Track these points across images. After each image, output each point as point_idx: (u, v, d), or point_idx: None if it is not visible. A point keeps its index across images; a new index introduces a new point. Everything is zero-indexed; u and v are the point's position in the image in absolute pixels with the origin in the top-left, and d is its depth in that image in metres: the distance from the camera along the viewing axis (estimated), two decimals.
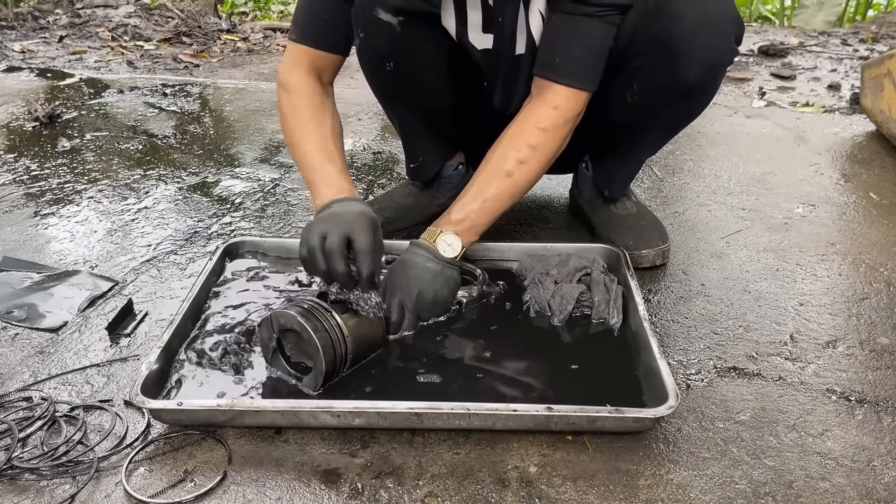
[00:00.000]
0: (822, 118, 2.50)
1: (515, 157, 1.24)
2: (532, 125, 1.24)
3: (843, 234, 1.64)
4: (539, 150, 1.24)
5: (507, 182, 1.25)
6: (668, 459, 0.99)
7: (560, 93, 1.21)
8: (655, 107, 1.30)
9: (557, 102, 1.22)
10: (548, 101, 1.22)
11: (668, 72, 1.22)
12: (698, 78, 1.24)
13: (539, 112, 1.23)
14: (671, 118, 1.37)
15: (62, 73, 3.08)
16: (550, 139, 1.23)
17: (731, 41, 1.22)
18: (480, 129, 1.54)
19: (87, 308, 1.34)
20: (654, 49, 1.21)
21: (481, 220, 1.26)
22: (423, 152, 1.56)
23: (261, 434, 1.03)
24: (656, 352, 1.07)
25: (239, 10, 5.04)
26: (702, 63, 1.22)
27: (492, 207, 1.25)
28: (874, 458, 1.00)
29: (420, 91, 1.39)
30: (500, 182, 1.25)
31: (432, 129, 1.52)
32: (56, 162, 2.05)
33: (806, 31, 3.94)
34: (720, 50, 1.22)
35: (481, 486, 0.95)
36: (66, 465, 0.97)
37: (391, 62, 1.31)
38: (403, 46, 1.28)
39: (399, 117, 1.54)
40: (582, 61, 1.21)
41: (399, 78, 1.35)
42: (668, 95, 1.27)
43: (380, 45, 1.28)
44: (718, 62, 1.24)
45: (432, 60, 1.33)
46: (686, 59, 1.20)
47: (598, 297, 1.25)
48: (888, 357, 1.22)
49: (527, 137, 1.24)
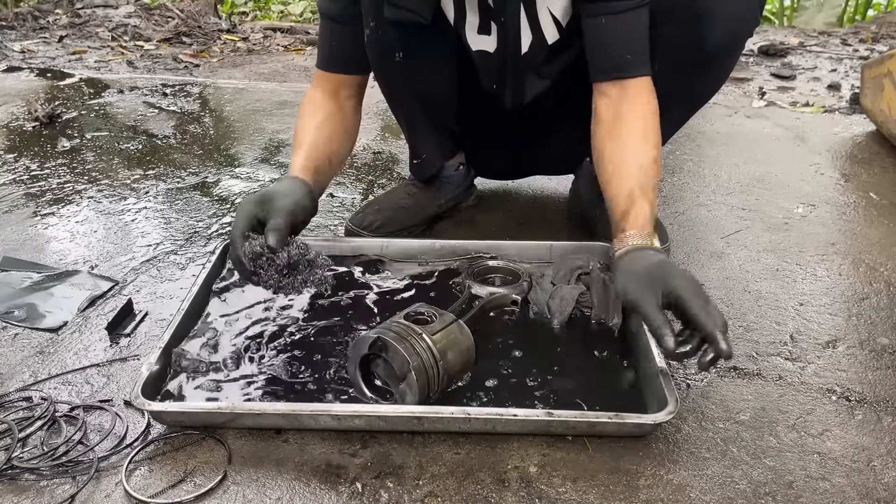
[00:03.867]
0: (822, 118, 2.50)
1: (653, 150, 1.20)
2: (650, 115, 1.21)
3: (843, 234, 1.64)
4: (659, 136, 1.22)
5: (656, 168, 1.20)
6: (668, 459, 0.99)
7: (646, 82, 1.22)
8: (676, 78, 1.29)
9: (650, 88, 1.22)
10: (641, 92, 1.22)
11: (692, 39, 1.23)
12: (721, 46, 1.25)
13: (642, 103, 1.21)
14: (690, 92, 1.37)
15: (62, 73, 3.08)
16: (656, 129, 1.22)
17: (755, 10, 1.24)
18: (485, 128, 1.54)
19: (87, 308, 1.34)
20: (677, 17, 1.22)
21: (655, 206, 1.18)
22: (426, 148, 1.57)
23: (261, 434, 1.03)
24: (656, 355, 1.07)
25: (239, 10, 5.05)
26: (725, 30, 1.23)
27: (656, 193, 1.19)
28: (874, 458, 1.00)
29: (428, 85, 1.41)
30: (647, 176, 1.18)
31: (437, 125, 1.53)
32: (56, 162, 2.05)
33: (806, 31, 3.94)
34: (743, 19, 1.24)
35: (481, 486, 0.95)
36: (66, 465, 0.97)
37: (400, 53, 1.34)
38: (413, 39, 1.30)
39: (405, 112, 1.54)
40: (645, 49, 1.21)
41: (407, 71, 1.37)
42: (690, 64, 1.28)
43: (389, 38, 1.31)
44: (741, 30, 1.26)
45: (441, 54, 1.35)
46: (710, 26, 1.22)
47: (598, 297, 1.25)
48: (888, 357, 1.22)
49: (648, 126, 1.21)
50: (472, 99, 1.45)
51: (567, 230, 1.64)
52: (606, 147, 1.22)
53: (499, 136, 1.57)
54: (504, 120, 1.47)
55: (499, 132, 1.55)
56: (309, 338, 1.19)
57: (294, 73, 3.17)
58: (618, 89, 1.23)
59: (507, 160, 1.67)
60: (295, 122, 1.39)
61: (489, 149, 1.63)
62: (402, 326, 1.04)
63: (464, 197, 1.69)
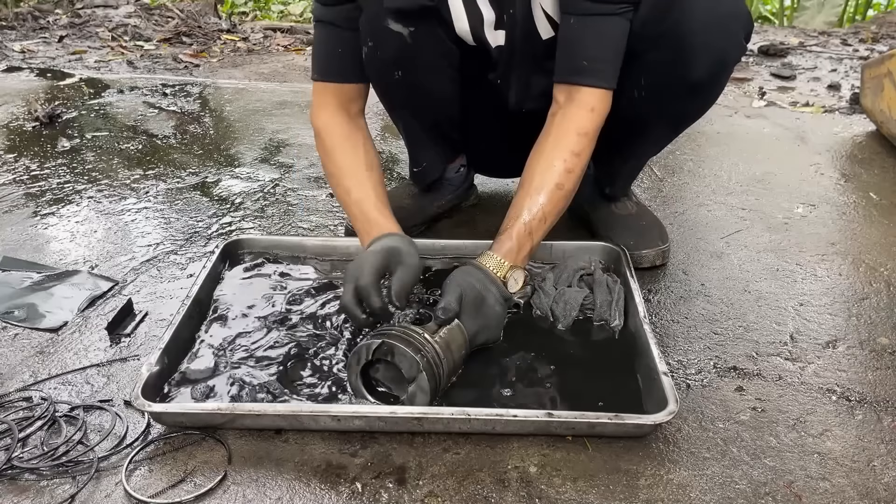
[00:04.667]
0: (822, 118, 2.50)
1: (563, 168, 1.18)
2: (573, 132, 1.19)
3: (843, 234, 1.64)
4: (582, 157, 1.20)
5: (559, 195, 1.19)
6: (668, 459, 0.99)
7: (594, 95, 1.19)
8: (662, 103, 1.29)
9: (593, 104, 1.19)
10: (583, 104, 1.19)
11: (677, 67, 1.22)
12: (706, 75, 1.23)
13: (577, 118, 1.20)
14: (677, 115, 1.36)
15: (62, 73, 3.08)
16: (590, 144, 1.20)
17: (740, 38, 1.22)
18: (486, 132, 1.53)
19: (87, 308, 1.34)
20: (663, 44, 1.20)
21: (538, 241, 1.20)
22: (427, 157, 1.56)
23: (261, 434, 1.03)
24: (656, 356, 1.07)
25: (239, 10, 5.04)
26: (710, 60, 1.22)
27: (549, 225, 1.20)
28: (874, 458, 1.00)
29: (427, 99, 1.39)
30: (553, 197, 1.18)
31: (437, 135, 1.52)
32: (56, 162, 2.05)
33: (806, 31, 3.94)
34: (729, 47, 1.22)
35: (481, 486, 0.95)
36: (66, 465, 0.97)
37: (399, 70, 1.30)
38: (412, 55, 1.27)
39: (405, 124, 1.53)
40: (608, 60, 1.18)
41: (407, 86, 1.34)
42: (676, 92, 1.27)
43: (388, 55, 1.27)
44: (727, 59, 1.24)
45: (440, 68, 1.33)
46: (695, 55, 1.20)
47: (601, 298, 1.25)
48: (888, 357, 1.22)
49: (570, 145, 1.19)
50: (474, 101, 1.44)
51: (567, 230, 1.63)
52: (532, 153, 1.23)
53: (499, 137, 1.56)
54: (504, 120, 1.47)
55: (499, 132, 1.54)
56: (309, 338, 1.19)
57: (294, 73, 3.17)
58: (565, 95, 1.21)
59: (507, 159, 1.66)
60: (321, 154, 1.32)
61: (490, 149, 1.62)
62: (402, 329, 1.04)
63: (464, 197, 1.69)
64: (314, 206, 1.77)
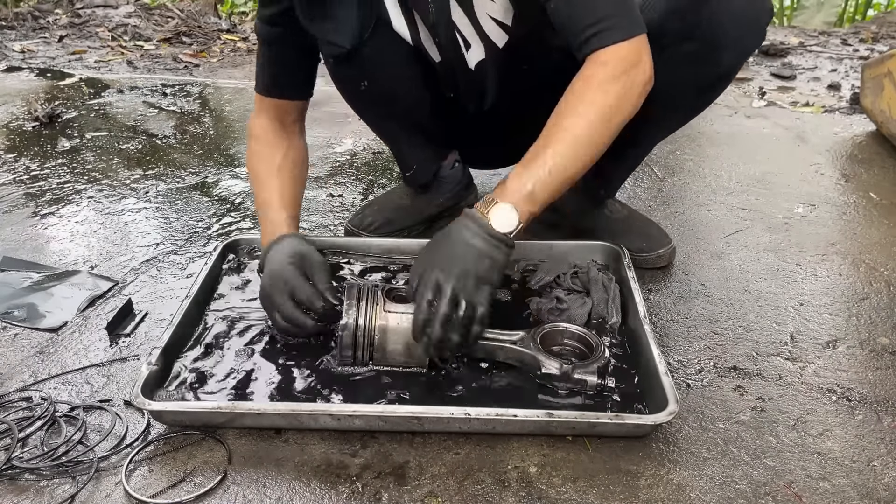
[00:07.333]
0: (822, 118, 2.50)
1: (572, 112, 1.07)
2: (582, 81, 1.09)
3: (843, 234, 1.64)
4: (596, 104, 1.07)
5: (566, 137, 1.06)
6: (668, 459, 0.99)
7: (603, 52, 1.07)
8: (680, 95, 1.27)
9: (605, 58, 1.07)
10: (595, 61, 1.08)
11: (707, 60, 1.22)
12: (731, 67, 1.26)
13: (587, 70, 1.09)
14: (682, 109, 1.35)
15: (62, 73, 3.08)
16: (607, 91, 1.07)
17: (764, 29, 1.24)
18: (469, 130, 1.52)
19: (87, 308, 1.34)
20: (697, 36, 1.19)
21: (544, 187, 1.06)
22: (416, 160, 1.56)
23: (261, 434, 1.03)
24: (657, 355, 1.07)
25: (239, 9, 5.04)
26: (738, 52, 1.23)
27: (555, 171, 1.06)
28: (874, 458, 1.00)
29: (399, 105, 1.39)
30: (558, 140, 1.06)
31: (420, 137, 1.52)
32: (56, 162, 2.05)
33: (806, 31, 3.94)
34: (756, 39, 1.24)
35: (481, 486, 0.95)
36: (66, 465, 0.97)
37: (364, 82, 1.33)
38: (372, 67, 1.29)
39: (385, 132, 1.55)
40: (611, 14, 1.07)
41: (375, 96, 1.37)
42: (699, 83, 1.27)
43: (349, 70, 1.31)
44: (750, 51, 1.26)
45: (404, 76, 1.33)
46: (727, 48, 1.21)
47: (597, 296, 1.25)
48: (888, 357, 1.22)
49: (579, 93, 1.08)
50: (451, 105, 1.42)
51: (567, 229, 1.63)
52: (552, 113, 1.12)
53: (483, 130, 1.53)
54: (490, 119, 1.45)
55: (488, 130, 1.52)
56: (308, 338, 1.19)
57: None
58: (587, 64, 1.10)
59: (497, 150, 1.63)
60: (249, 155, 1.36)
61: (477, 143, 1.60)
62: (372, 293, 1.10)
63: (463, 195, 1.68)
64: (314, 207, 1.77)
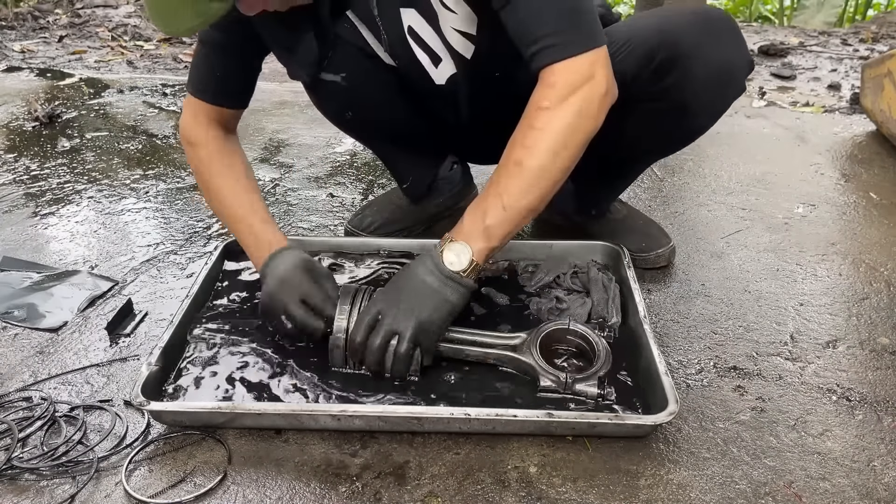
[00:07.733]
0: (822, 118, 2.49)
1: (521, 144, 1.08)
2: (533, 108, 1.07)
3: (843, 234, 1.64)
4: (545, 131, 1.06)
5: (517, 171, 1.07)
6: (669, 459, 0.99)
7: (552, 71, 1.05)
8: (658, 140, 1.33)
9: (553, 80, 1.05)
10: (544, 82, 1.07)
11: (680, 118, 1.24)
12: (709, 122, 1.29)
13: (536, 95, 1.09)
14: (666, 151, 1.42)
15: (62, 73, 3.08)
16: (555, 116, 1.05)
17: (742, 83, 1.24)
18: (458, 137, 1.51)
19: (87, 308, 1.34)
20: (665, 98, 1.20)
21: (501, 223, 1.07)
22: (411, 172, 1.57)
23: (261, 434, 1.03)
24: (656, 355, 1.07)
25: None
26: (713, 111, 1.26)
27: (510, 206, 1.07)
28: (874, 458, 1.00)
29: (387, 126, 1.41)
30: (510, 175, 1.07)
31: (412, 151, 1.53)
32: (56, 162, 2.05)
33: (806, 31, 3.94)
34: (731, 94, 1.25)
35: (481, 486, 0.95)
36: (66, 465, 0.97)
37: (349, 111, 1.35)
38: (354, 96, 1.30)
39: (376, 150, 1.58)
40: (562, 28, 1.04)
41: (363, 121, 1.39)
42: (676, 134, 1.31)
43: (333, 102, 1.34)
44: (728, 104, 1.27)
45: (387, 99, 1.33)
46: (700, 110, 1.24)
47: (597, 296, 1.25)
48: (888, 357, 1.22)
49: (529, 121, 1.08)
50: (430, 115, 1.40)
51: (567, 229, 1.63)
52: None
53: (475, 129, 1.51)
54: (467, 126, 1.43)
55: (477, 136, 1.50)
56: None
57: None
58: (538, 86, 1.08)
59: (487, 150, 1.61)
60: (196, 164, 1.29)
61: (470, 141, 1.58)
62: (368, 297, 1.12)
63: (463, 194, 1.68)
64: (314, 206, 1.77)
